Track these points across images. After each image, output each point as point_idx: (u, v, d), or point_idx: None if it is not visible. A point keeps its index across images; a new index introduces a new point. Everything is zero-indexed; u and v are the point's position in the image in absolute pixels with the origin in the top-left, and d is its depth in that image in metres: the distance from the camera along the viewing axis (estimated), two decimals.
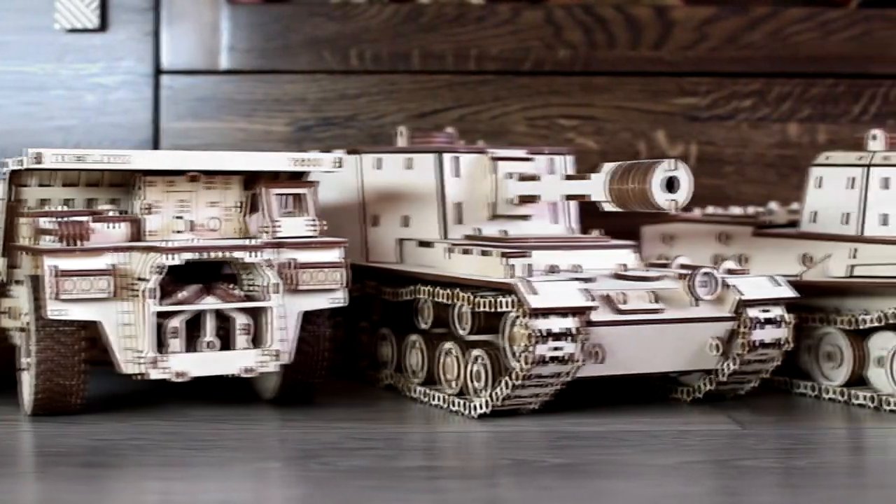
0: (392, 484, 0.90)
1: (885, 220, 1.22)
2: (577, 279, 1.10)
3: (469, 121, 1.54)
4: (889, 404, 1.15)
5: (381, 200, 1.26)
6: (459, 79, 1.54)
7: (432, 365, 1.19)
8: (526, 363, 1.06)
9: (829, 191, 1.26)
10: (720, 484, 0.91)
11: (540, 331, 1.05)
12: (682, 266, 1.17)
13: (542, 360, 1.06)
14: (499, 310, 1.09)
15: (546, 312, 1.06)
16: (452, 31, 1.53)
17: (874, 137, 1.26)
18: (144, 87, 1.53)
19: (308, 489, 0.90)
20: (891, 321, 1.15)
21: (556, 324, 1.06)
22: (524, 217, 1.26)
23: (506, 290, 1.08)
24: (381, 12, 1.53)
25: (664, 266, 1.19)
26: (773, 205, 1.40)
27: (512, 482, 0.92)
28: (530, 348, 1.05)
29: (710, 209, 1.41)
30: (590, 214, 1.23)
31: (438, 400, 1.16)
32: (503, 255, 1.11)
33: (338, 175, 1.27)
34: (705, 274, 1.12)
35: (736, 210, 1.40)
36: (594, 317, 1.08)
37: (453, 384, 1.16)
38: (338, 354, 1.32)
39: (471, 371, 1.13)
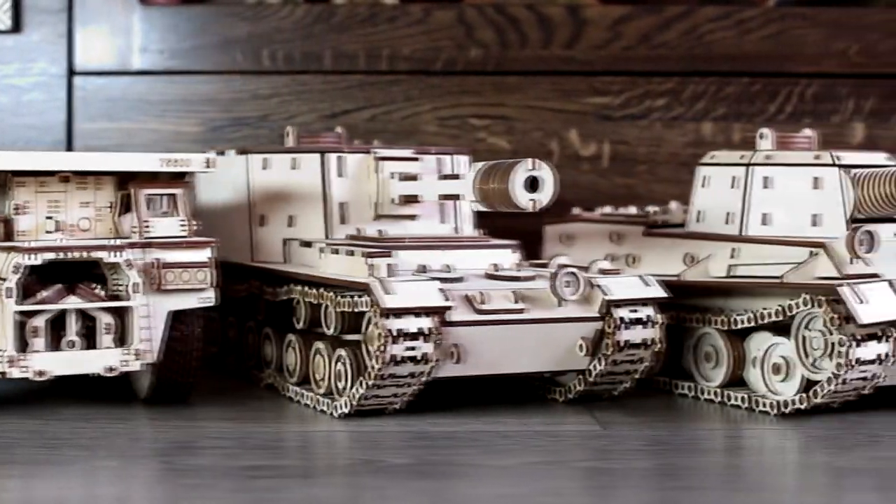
0: (216, 483, 0.90)
1: (766, 220, 1.21)
2: (440, 279, 1.10)
3: (380, 121, 1.54)
4: (760, 405, 1.15)
5: (268, 200, 1.27)
6: (371, 79, 1.54)
7: (306, 365, 1.19)
8: (380, 363, 1.06)
9: (714, 190, 1.25)
10: (548, 485, 0.91)
11: (393, 330, 1.05)
12: (561, 266, 1.17)
13: (396, 360, 1.06)
14: (357, 310, 1.09)
15: (400, 312, 1.06)
16: (364, 32, 1.53)
17: (762, 136, 1.26)
18: (58, 89, 1.54)
19: (128, 487, 0.90)
20: (764, 321, 1.15)
21: (411, 324, 1.06)
22: (411, 217, 1.26)
23: (365, 290, 1.08)
24: (293, 13, 1.53)
25: (543, 266, 1.19)
26: (673, 204, 1.39)
27: (342, 482, 0.92)
28: (383, 348, 1.05)
29: (608, 209, 1.40)
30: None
31: (309, 400, 1.16)
32: (365, 255, 1.11)
33: (228, 175, 1.28)
34: (569, 274, 1.12)
35: (633, 210, 1.40)
36: (452, 317, 1.08)
37: (321, 384, 1.16)
38: (229, 354, 1.33)
39: (335, 371, 1.14)
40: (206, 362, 1.18)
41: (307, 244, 1.22)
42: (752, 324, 1.16)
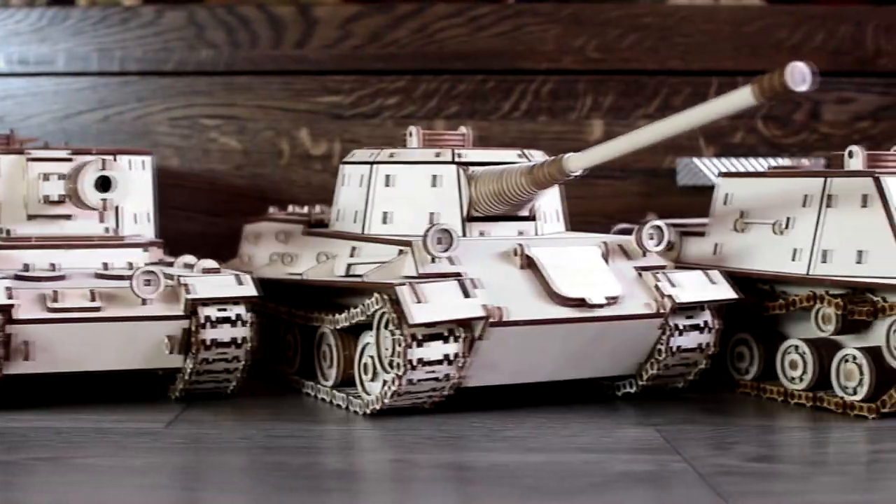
0: None
1: (387, 219, 1.21)
2: (25, 277, 1.12)
3: (113, 122, 1.56)
4: (354, 405, 1.14)
5: None
6: (103, 80, 1.56)
7: None
8: None
9: (350, 189, 1.25)
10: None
11: None
12: (205, 270, 1.18)
13: None
14: None
15: None
16: (97, 34, 1.55)
17: (411, 134, 1.25)
18: None
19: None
20: (354, 321, 1.14)
21: None
22: (66, 217, 1.27)
23: None
24: (28, 16, 1.56)
25: (170, 265, 1.20)
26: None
27: None
28: None
29: (291, 208, 1.40)
30: None
31: None
32: None
33: None
34: (148, 273, 1.13)
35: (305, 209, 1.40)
36: (21, 314, 1.10)
37: None
38: None
39: None
40: None
41: None
42: (347, 323, 1.16)
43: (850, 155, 1.20)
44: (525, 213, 1.20)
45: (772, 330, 1.23)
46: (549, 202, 1.24)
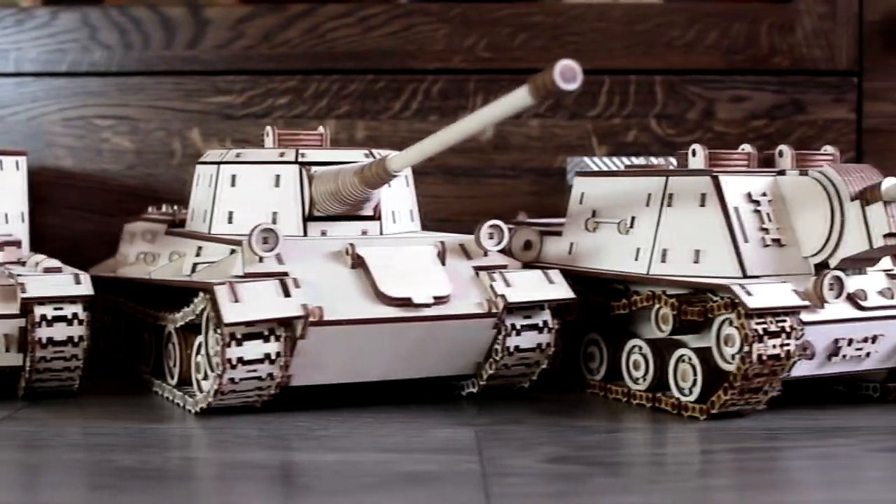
0: None
1: (230, 218, 1.21)
2: None
3: (7, 122, 1.57)
4: (186, 404, 1.15)
5: None
6: None
7: None
8: None
9: (201, 188, 1.25)
10: None
11: None
12: (46, 269, 1.19)
13: None
14: None
15: None
16: None
17: (267, 134, 1.26)
18: None
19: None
20: (187, 320, 1.15)
21: None
22: None
23: None
24: None
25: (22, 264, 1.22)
26: None
27: None
28: None
29: (164, 208, 1.41)
30: None
31: None
32: None
33: None
34: None
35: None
36: None
37: None
38: None
39: None
40: None
41: None
42: (182, 322, 1.16)
43: (693, 153, 1.19)
44: (368, 212, 1.20)
45: (621, 330, 1.23)
46: (399, 201, 1.23)
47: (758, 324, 1.07)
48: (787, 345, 1.08)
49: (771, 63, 1.57)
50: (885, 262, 1.18)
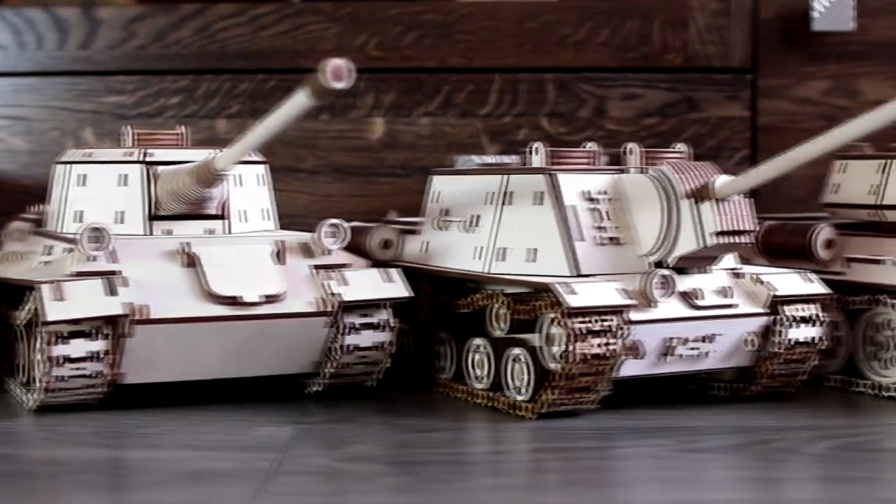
0: None
1: (79, 218, 1.21)
2: None
3: None
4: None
5: None
6: None
7: None
8: None
9: (58, 187, 1.25)
10: None
11: None
12: None
13: None
14: None
15: None
16: None
17: (125, 134, 1.26)
18: None
19: None
20: (30, 317, 1.16)
21: None
22: None
23: None
24: None
25: None
26: None
27: None
28: None
29: (38, 207, 1.42)
30: None
31: None
32: None
33: None
34: None
35: None
36: None
37: None
38: None
39: None
40: None
41: None
42: (22, 321, 1.17)
43: (533, 151, 1.19)
44: (214, 211, 1.20)
45: (469, 329, 1.22)
46: (249, 200, 1.24)
47: (581, 323, 1.07)
48: (611, 344, 1.07)
49: (664, 60, 1.56)
50: (730, 261, 1.18)
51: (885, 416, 1.15)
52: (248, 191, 1.23)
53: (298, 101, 1.02)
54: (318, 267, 1.17)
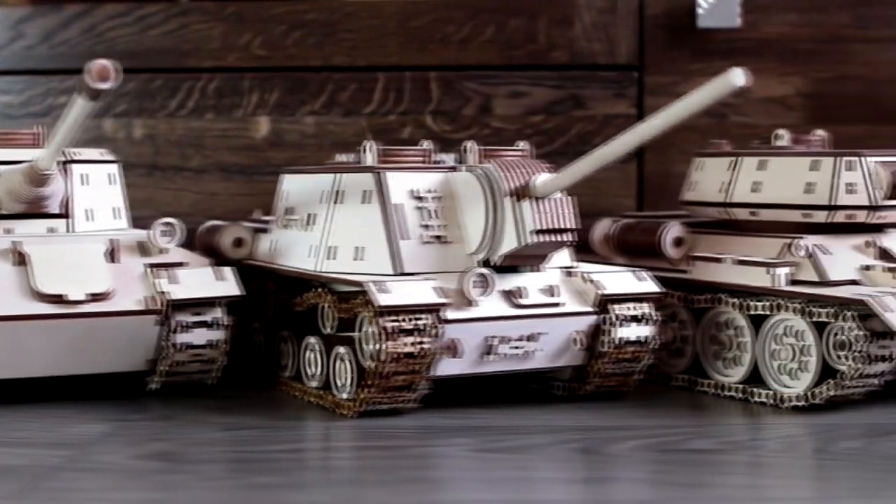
0: None
1: None
2: None
3: None
4: None
5: None
6: None
7: None
8: None
9: None
10: None
11: None
12: None
13: None
14: None
15: None
16: None
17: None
18: None
19: None
20: None
21: None
22: None
23: None
24: None
25: None
26: None
27: None
28: None
29: None
30: None
31: None
32: None
33: None
34: None
35: None
36: None
37: None
38: None
39: None
40: None
41: None
42: None
43: (366, 150, 1.19)
44: (57, 210, 1.21)
45: (308, 328, 1.23)
46: (96, 199, 1.24)
47: (392, 321, 1.07)
48: (423, 343, 1.07)
49: (550, 58, 1.56)
50: (565, 259, 1.17)
51: (712, 416, 1.14)
52: (96, 189, 1.24)
53: (79, 105, 1.04)
54: (152, 265, 1.18)
